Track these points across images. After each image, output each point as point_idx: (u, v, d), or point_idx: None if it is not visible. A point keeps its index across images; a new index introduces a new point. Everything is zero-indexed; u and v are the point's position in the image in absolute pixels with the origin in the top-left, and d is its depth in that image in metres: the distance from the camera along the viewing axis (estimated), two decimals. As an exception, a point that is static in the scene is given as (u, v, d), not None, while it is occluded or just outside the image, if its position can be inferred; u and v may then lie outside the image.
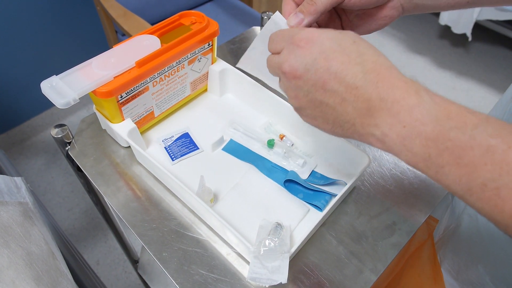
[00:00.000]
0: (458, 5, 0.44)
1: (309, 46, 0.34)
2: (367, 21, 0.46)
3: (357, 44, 0.33)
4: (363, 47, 0.33)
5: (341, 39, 0.34)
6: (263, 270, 0.44)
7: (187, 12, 0.63)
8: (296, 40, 0.35)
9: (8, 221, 0.49)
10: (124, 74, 0.54)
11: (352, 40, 0.34)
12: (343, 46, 0.33)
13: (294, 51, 0.35)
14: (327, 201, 0.54)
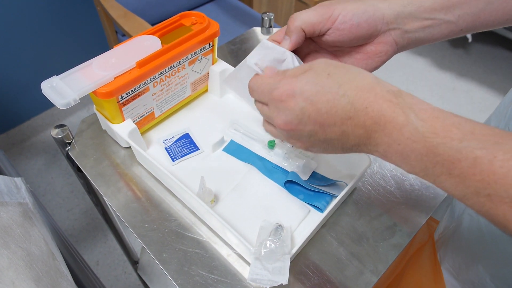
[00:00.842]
0: (453, 33, 0.44)
1: (291, 98, 0.35)
2: (362, 60, 0.45)
3: (332, 75, 0.35)
4: (339, 76, 0.34)
5: (316, 77, 0.35)
6: (264, 271, 0.44)
7: (187, 13, 0.63)
8: (276, 96, 0.36)
9: (8, 222, 0.49)
10: (124, 75, 0.53)
11: (326, 74, 0.35)
12: (321, 84, 0.34)
13: (280, 107, 0.36)
14: (327, 202, 0.54)
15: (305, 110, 0.35)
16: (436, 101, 1.99)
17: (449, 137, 0.29)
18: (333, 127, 0.34)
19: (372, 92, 0.33)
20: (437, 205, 0.56)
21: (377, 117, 0.32)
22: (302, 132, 0.37)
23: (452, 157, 0.28)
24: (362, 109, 0.32)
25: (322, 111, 0.34)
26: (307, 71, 0.36)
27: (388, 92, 0.33)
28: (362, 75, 0.35)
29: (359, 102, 0.33)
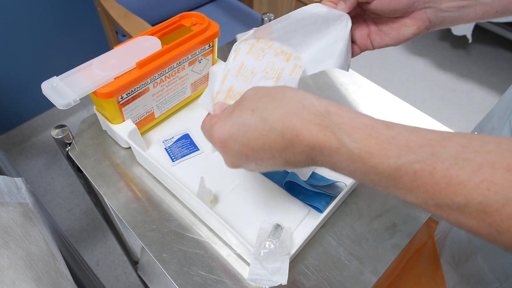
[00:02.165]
0: (487, 15, 0.44)
1: (225, 144, 0.36)
2: (396, 30, 0.47)
3: (256, 110, 0.34)
4: (262, 108, 0.34)
5: (241, 116, 0.35)
6: (263, 271, 0.44)
7: (188, 13, 0.64)
8: (215, 143, 0.37)
9: (8, 222, 0.49)
10: (124, 75, 0.54)
11: (250, 110, 0.34)
12: (247, 123, 0.34)
13: (221, 152, 0.37)
14: (327, 203, 0.54)
15: (241, 152, 0.35)
16: (436, 102, 1.99)
17: (386, 155, 0.29)
18: (274, 159, 0.34)
19: (299, 119, 0.32)
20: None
21: (311, 144, 0.32)
22: (250, 167, 0.37)
23: (393, 174, 0.29)
24: (293, 138, 0.32)
25: (256, 149, 0.34)
26: (234, 110, 0.36)
27: (315, 114, 0.32)
28: (286, 100, 0.34)
29: (288, 132, 0.32)
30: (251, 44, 0.46)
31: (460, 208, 0.26)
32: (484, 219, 0.25)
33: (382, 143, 0.29)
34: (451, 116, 1.92)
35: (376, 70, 2.16)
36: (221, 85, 0.44)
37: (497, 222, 0.25)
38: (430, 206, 0.28)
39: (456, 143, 0.27)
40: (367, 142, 0.30)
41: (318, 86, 0.74)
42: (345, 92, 0.73)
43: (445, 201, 0.27)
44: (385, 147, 0.29)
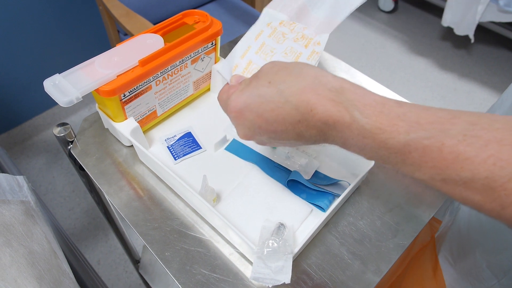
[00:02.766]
0: None
1: (240, 114, 0.37)
2: None
3: (273, 83, 0.35)
4: (279, 81, 0.35)
5: (258, 88, 0.36)
6: (266, 270, 0.44)
7: (190, 11, 0.63)
8: (229, 113, 0.38)
9: (11, 220, 0.49)
10: (127, 73, 0.53)
11: (267, 82, 0.35)
12: (263, 95, 0.35)
13: (235, 122, 0.39)
14: (330, 202, 0.54)
15: (255, 122, 0.36)
16: (437, 102, 1.98)
17: (396, 131, 0.30)
18: (286, 132, 0.35)
19: (314, 93, 0.33)
20: (440, 205, 0.56)
21: (324, 118, 0.32)
22: (263, 138, 0.38)
23: (402, 149, 0.29)
24: (307, 112, 0.33)
25: (270, 120, 0.35)
26: (252, 82, 0.37)
27: (330, 90, 0.33)
28: (303, 75, 0.34)
29: (303, 105, 0.33)
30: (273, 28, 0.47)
31: (466, 183, 0.27)
32: (489, 194, 0.26)
33: (392, 119, 0.30)
34: (453, 116, 1.92)
35: (378, 70, 2.16)
36: (241, 59, 0.45)
37: (502, 197, 0.26)
38: (436, 182, 0.29)
39: (465, 120, 0.28)
40: (378, 118, 0.30)
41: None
42: (348, 91, 0.72)
43: (452, 176, 0.27)
44: (395, 123, 0.30)
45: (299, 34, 0.47)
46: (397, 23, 2.47)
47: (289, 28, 0.47)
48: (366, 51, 2.27)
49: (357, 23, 2.45)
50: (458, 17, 1.96)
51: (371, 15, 2.51)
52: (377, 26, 2.44)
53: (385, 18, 2.50)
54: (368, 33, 2.39)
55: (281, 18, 0.47)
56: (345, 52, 2.25)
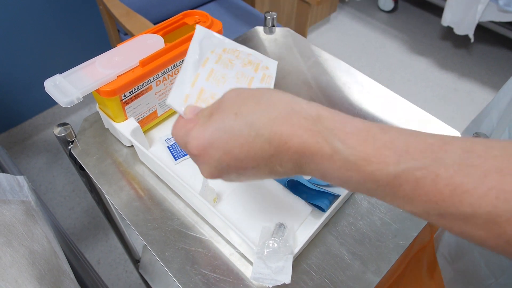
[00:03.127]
0: None
1: (205, 152, 0.32)
2: None
3: (239, 115, 0.31)
4: (247, 113, 0.31)
5: (223, 122, 0.31)
6: (266, 270, 0.44)
7: (191, 12, 0.63)
8: (191, 152, 0.33)
9: (11, 220, 0.49)
10: (127, 73, 0.53)
11: (233, 114, 0.31)
12: (230, 129, 0.31)
13: (198, 162, 0.34)
14: (330, 202, 0.54)
15: (222, 161, 0.32)
16: (437, 102, 1.98)
17: (384, 162, 0.27)
18: (258, 168, 0.31)
19: (288, 124, 0.29)
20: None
21: (301, 151, 0.29)
22: (230, 177, 0.34)
23: (392, 182, 0.27)
24: (282, 145, 0.29)
25: (240, 157, 0.31)
26: (214, 114, 0.33)
27: (306, 119, 0.29)
28: (274, 103, 0.31)
29: (276, 138, 0.29)
30: (218, 55, 0.44)
31: (466, 218, 0.25)
32: (493, 230, 0.24)
33: (379, 148, 0.27)
34: (453, 115, 1.92)
35: (378, 70, 2.16)
36: (191, 88, 0.41)
37: (508, 233, 0.24)
38: (432, 216, 0.26)
39: (459, 147, 0.26)
40: (363, 148, 0.27)
41: (320, 85, 0.73)
42: (348, 91, 0.72)
43: (449, 211, 0.25)
44: (382, 152, 0.27)
45: (245, 60, 0.46)
46: (397, 23, 2.47)
47: (233, 54, 0.45)
48: (366, 51, 2.27)
49: (357, 23, 2.45)
50: (458, 16, 1.96)
51: (371, 15, 2.51)
52: (377, 26, 2.44)
53: (385, 18, 2.50)
54: (368, 32, 2.39)
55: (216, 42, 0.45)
56: (345, 52, 2.25)
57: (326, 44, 2.29)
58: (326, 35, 2.36)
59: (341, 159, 0.28)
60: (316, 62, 0.78)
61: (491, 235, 0.24)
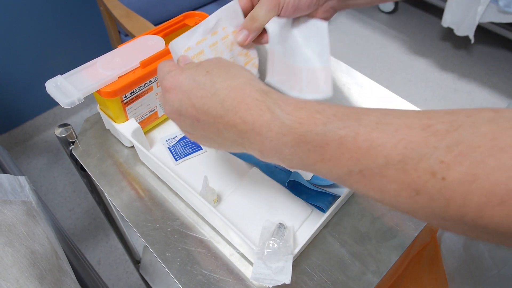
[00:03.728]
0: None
1: (172, 91, 0.37)
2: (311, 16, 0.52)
3: (210, 73, 0.36)
4: (216, 74, 0.36)
5: (196, 74, 0.37)
6: (266, 270, 0.44)
7: (191, 13, 0.64)
8: (163, 86, 0.38)
9: (12, 220, 0.50)
10: (128, 74, 0.54)
11: (205, 71, 0.36)
12: (198, 80, 0.36)
13: (165, 97, 0.39)
14: (330, 202, 0.54)
15: (183, 103, 0.36)
16: (437, 102, 1.99)
17: (314, 123, 0.30)
18: (207, 124, 0.36)
19: (242, 92, 0.34)
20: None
21: (245, 117, 0.33)
22: (185, 124, 0.38)
23: (320, 142, 0.29)
24: (231, 108, 0.33)
25: (196, 106, 0.35)
26: (193, 67, 0.38)
27: (257, 91, 0.34)
28: (238, 76, 0.36)
29: (229, 101, 0.34)
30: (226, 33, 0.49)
31: (382, 171, 0.27)
32: (403, 180, 0.26)
33: (312, 113, 0.31)
34: (453, 116, 1.92)
35: (378, 70, 2.16)
36: (195, 45, 0.46)
37: (415, 180, 0.25)
38: (353, 176, 0.29)
39: (378, 111, 0.29)
40: (299, 114, 0.31)
41: (321, 86, 0.74)
42: (348, 92, 0.73)
43: (368, 166, 0.27)
44: (314, 116, 0.30)
45: (243, 51, 0.50)
46: (397, 24, 2.47)
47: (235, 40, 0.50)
48: (366, 52, 2.27)
49: (357, 24, 2.45)
50: (458, 17, 1.96)
51: (371, 16, 2.51)
52: (377, 27, 2.45)
53: (385, 19, 2.51)
54: (368, 33, 2.40)
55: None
56: (345, 53, 2.25)
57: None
58: (327, 36, 2.36)
59: (279, 125, 0.31)
60: (316, 63, 0.78)
61: (402, 186, 0.26)
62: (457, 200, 0.24)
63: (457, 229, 0.26)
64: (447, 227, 0.27)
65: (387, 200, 0.28)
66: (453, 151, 0.24)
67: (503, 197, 0.22)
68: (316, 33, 0.52)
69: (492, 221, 0.23)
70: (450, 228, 0.27)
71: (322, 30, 0.51)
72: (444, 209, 0.25)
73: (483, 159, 0.23)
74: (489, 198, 0.23)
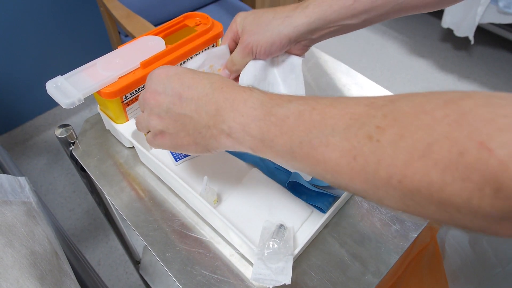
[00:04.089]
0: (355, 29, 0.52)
1: (165, 71, 0.41)
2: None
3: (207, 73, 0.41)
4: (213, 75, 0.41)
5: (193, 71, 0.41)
6: (266, 271, 0.44)
7: (191, 14, 0.64)
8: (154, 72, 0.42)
9: (12, 221, 0.50)
10: (128, 75, 0.54)
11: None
12: (193, 71, 0.41)
13: (152, 78, 0.42)
14: (330, 203, 0.54)
15: (172, 79, 0.40)
16: (438, 103, 1.99)
17: (281, 99, 0.35)
18: (190, 101, 0.39)
19: (231, 83, 0.39)
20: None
21: (228, 94, 0.37)
22: (162, 103, 0.40)
23: (282, 115, 0.34)
24: (218, 88, 0.38)
25: (185, 84, 0.39)
26: None
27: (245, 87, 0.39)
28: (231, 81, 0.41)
29: (217, 84, 0.39)
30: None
31: (327, 139, 0.30)
32: (344, 147, 0.29)
33: (282, 95, 0.36)
34: (453, 117, 1.92)
35: (378, 71, 2.16)
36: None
37: (354, 146, 0.29)
38: (303, 147, 0.32)
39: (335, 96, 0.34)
40: (272, 95, 0.36)
41: (320, 86, 0.74)
42: (348, 92, 0.73)
43: (316, 134, 0.31)
44: (282, 96, 0.36)
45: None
46: (397, 25, 2.47)
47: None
48: (367, 53, 2.27)
49: (358, 25, 2.45)
50: (458, 18, 1.97)
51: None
52: (377, 28, 2.45)
53: (385, 20, 2.51)
54: (368, 34, 2.40)
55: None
56: (345, 54, 2.25)
57: (326, 46, 2.30)
58: (327, 36, 2.36)
59: (253, 101, 0.36)
60: (316, 64, 0.78)
61: (342, 153, 0.30)
62: (386, 159, 0.27)
63: (389, 199, 0.28)
64: (380, 197, 0.29)
65: (329, 171, 0.31)
66: (387, 117, 0.28)
67: (424, 151, 0.25)
68: (291, 69, 0.56)
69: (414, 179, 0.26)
70: (384, 200, 0.29)
71: (297, 66, 0.56)
72: (375, 173, 0.28)
73: (410, 121, 0.26)
74: (411, 154, 0.26)
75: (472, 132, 0.23)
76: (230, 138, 0.37)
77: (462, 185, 0.24)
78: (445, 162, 0.24)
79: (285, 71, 0.57)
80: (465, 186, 0.24)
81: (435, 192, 0.25)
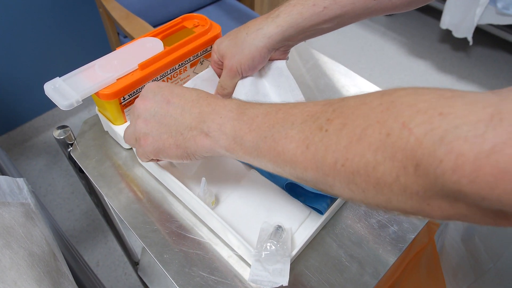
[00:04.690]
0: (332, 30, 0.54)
1: (157, 83, 0.45)
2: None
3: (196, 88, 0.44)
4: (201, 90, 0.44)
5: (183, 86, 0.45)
6: (264, 272, 0.44)
7: (190, 15, 0.64)
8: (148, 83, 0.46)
9: (10, 222, 0.50)
10: (127, 76, 0.54)
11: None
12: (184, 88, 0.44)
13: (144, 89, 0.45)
14: (328, 204, 0.54)
15: (162, 89, 0.43)
16: (436, 104, 1.99)
17: (256, 103, 0.39)
18: (177, 106, 0.42)
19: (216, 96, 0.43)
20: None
21: (212, 101, 0.41)
22: (150, 109, 0.43)
23: (252, 115, 0.37)
24: (204, 97, 0.42)
25: (174, 92, 0.43)
26: None
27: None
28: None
29: (203, 94, 0.42)
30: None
31: (287, 132, 0.34)
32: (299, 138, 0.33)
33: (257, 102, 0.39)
34: (452, 118, 1.92)
35: (377, 72, 2.16)
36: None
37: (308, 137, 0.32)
38: (267, 141, 0.35)
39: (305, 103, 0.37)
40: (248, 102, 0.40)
41: (319, 87, 0.74)
42: (347, 94, 0.73)
43: (278, 129, 0.34)
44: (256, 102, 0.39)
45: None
46: (396, 26, 2.47)
47: None
48: (365, 54, 2.28)
49: (356, 26, 2.46)
50: (456, 19, 1.97)
51: (370, 18, 2.52)
52: (376, 29, 2.45)
53: (383, 21, 2.51)
54: (367, 35, 2.40)
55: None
56: (343, 55, 2.25)
57: (325, 47, 2.30)
58: (325, 37, 2.37)
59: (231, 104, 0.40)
60: (315, 65, 0.78)
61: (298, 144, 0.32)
62: (332, 146, 0.30)
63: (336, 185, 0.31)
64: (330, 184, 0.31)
65: (288, 162, 0.34)
66: (336, 111, 0.31)
67: (360, 135, 0.28)
68: (279, 73, 0.58)
69: (353, 161, 0.28)
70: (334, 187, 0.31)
71: (283, 68, 0.58)
72: (323, 159, 0.30)
73: (352, 111, 0.30)
74: (351, 139, 0.29)
75: (397, 116, 0.27)
76: (208, 138, 0.40)
77: (391, 164, 0.26)
78: (377, 143, 0.27)
79: (275, 77, 0.58)
80: (393, 165, 0.26)
81: (371, 172, 0.28)
